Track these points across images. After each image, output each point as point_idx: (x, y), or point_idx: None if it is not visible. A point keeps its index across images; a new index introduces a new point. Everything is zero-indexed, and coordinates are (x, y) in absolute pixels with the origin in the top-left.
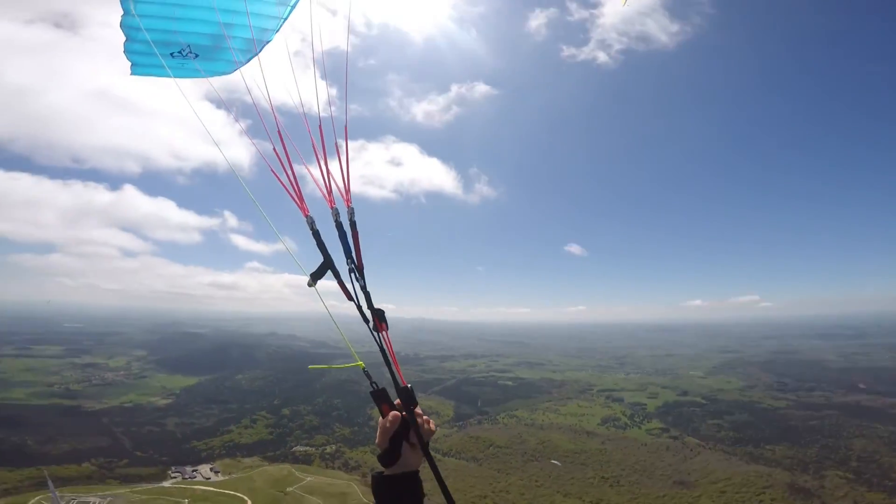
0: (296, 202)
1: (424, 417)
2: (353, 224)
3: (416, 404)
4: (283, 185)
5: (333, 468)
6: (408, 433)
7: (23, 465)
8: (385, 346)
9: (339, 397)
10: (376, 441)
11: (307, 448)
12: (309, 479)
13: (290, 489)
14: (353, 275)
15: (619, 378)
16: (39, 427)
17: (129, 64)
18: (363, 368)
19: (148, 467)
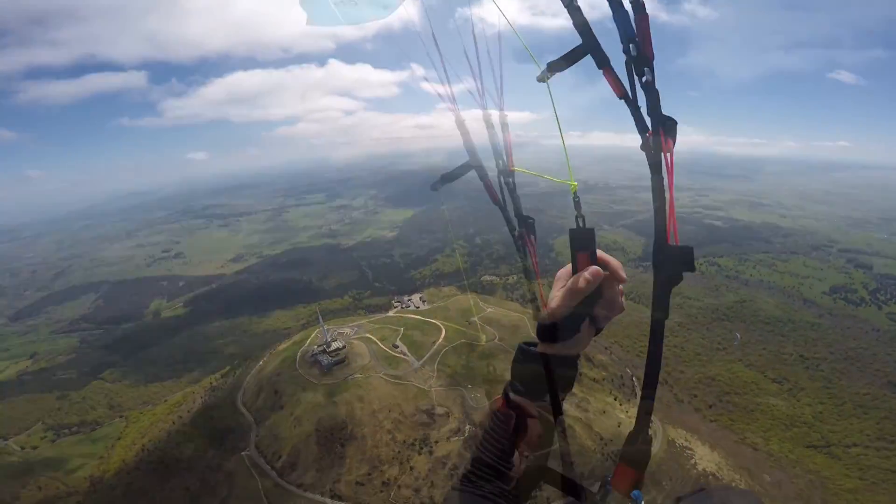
0: None
1: (620, 289)
2: None
3: (682, 279)
4: None
5: (512, 299)
6: (597, 302)
7: (310, 300)
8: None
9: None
10: (554, 303)
11: (493, 278)
12: (489, 309)
13: (473, 319)
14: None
15: (877, 239)
16: (317, 266)
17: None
18: (574, 192)
19: (381, 297)
